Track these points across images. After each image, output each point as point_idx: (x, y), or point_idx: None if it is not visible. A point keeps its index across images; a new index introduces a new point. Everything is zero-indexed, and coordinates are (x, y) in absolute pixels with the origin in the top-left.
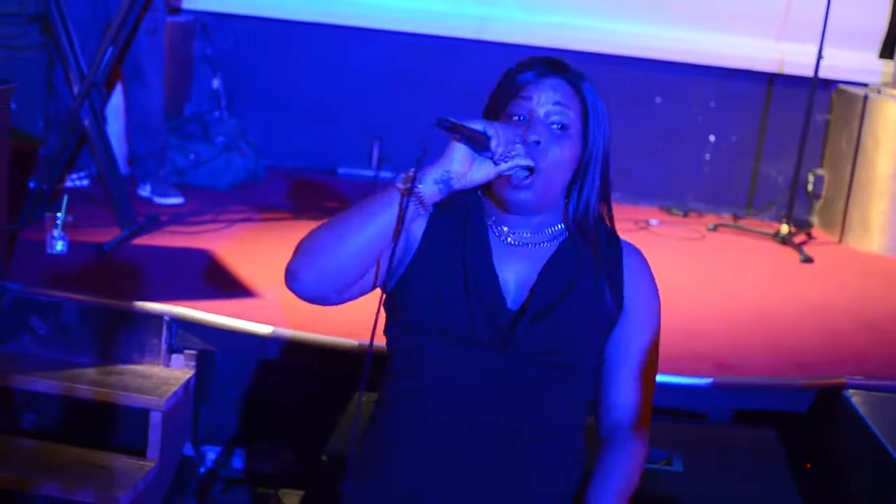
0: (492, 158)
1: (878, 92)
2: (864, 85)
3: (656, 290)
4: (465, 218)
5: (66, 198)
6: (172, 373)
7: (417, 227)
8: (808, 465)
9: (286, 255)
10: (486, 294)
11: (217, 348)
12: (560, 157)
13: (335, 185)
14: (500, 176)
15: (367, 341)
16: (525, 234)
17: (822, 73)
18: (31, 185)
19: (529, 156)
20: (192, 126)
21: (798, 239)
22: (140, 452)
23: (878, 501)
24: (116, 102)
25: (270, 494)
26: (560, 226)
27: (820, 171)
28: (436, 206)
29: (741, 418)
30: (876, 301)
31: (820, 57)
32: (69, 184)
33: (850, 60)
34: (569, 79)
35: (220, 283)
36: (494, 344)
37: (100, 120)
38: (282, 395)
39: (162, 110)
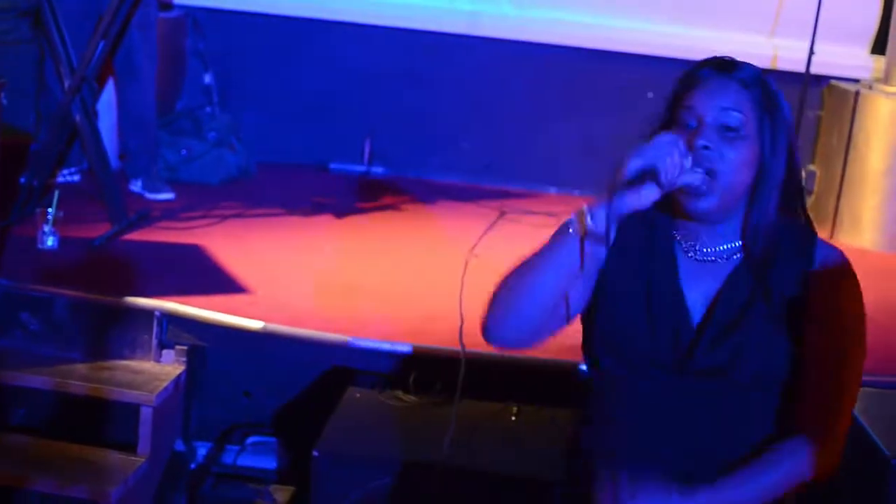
0: (659, 185)
1: (870, 87)
2: (856, 81)
3: (854, 299)
4: (650, 229)
5: (56, 193)
6: (163, 368)
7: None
8: None
9: (278, 251)
10: (671, 315)
11: (208, 344)
12: (735, 159)
13: (327, 180)
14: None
15: (358, 337)
16: (709, 249)
17: (814, 69)
18: (22, 180)
19: (702, 162)
20: (184, 122)
21: None
22: (131, 448)
23: (868, 496)
24: (108, 98)
25: (261, 490)
26: (739, 242)
27: (811, 167)
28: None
29: None
30: (867, 296)
31: (812, 52)
32: (60, 179)
33: (842, 56)
34: (739, 79)
35: (210, 278)
36: (674, 367)
37: (91, 115)
38: (272, 390)
39: (154, 106)
